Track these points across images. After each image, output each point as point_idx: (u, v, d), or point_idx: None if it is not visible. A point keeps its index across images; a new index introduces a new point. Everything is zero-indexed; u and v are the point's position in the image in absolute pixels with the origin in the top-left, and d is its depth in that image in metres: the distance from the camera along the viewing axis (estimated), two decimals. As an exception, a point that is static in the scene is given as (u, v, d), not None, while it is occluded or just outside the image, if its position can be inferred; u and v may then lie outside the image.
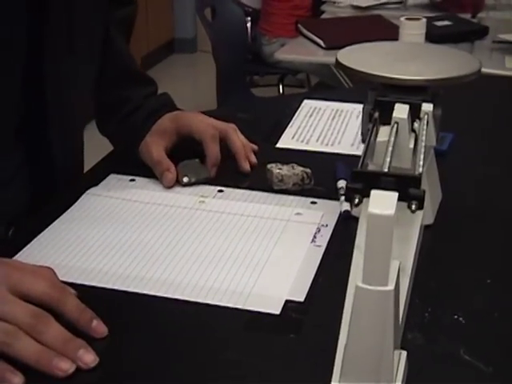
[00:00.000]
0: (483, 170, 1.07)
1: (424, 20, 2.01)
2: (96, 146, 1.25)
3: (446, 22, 2.58)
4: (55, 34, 0.91)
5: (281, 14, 3.37)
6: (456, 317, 0.73)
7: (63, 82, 0.95)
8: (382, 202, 0.57)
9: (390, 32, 2.25)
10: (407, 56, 0.91)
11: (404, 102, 0.82)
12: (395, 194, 0.58)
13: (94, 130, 1.12)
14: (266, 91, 3.60)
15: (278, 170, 0.97)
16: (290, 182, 0.97)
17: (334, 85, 2.78)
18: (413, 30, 2.09)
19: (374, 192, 0.58)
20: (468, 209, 0.96)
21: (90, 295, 0.73)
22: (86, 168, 1.08)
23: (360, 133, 1.16)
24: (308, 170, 0.98)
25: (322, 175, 1.02)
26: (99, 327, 0.69)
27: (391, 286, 0.58)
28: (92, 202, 0.95)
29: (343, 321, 0.62)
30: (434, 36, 2.26)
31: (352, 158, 1.07)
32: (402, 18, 2.05)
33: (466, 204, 0.97)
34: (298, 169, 0.98)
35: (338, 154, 1.10)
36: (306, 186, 0.98)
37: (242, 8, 3.34)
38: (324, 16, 2.98)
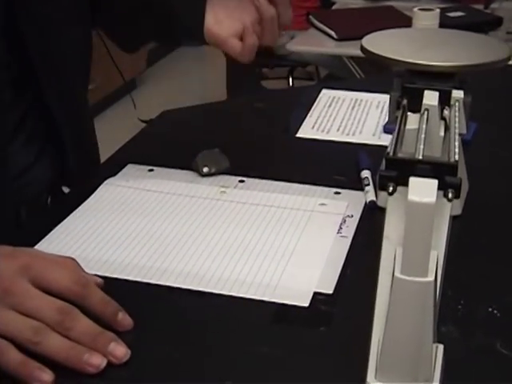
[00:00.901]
0: (508, 160, 1.04)
1: (437, 10, 1.99)
2: (111, 138, 1.23)
3: (459, 13, 2.55)
4: None
5: (289, 6, 3.34)
6: (490, 309, 0.71)
7: (40, 27, 0.91)
8: (422, 190, 0.55)
9: (402, 23, 2.22)
10: (434, 42, 0.89)
11: (433, 89, 0.80)
12: (435, 182, 0.56)
13: (107, 122, 1.10)
14: (276, 84, 3.58)
15: None
16: None
17: (345, 76, 2.76)
18: (426, 20, 2.08)
19: (412, 179, 0.56)
20: (495, 199, 0.93)
21: (110, 287, 0.71)
22: (105, 153, 1.05)
23: (381, 122, 1.15)
24: None
25: (345, 165, 1.00)
26: (125, 320, 0.67)
27: (431, 277, 0.56)
28: (110, 192, 0.93)
29: (376, 314, 0.60)
30: (447, 27, 2.21)
31: (374, 148, 1.05)
32: (416, 9, 2.04)
33: (493, 194, 0.94)
34: None
35: (359, 144, 1.08)
36: None
37: (252, 0, 3.31)
38: (335, 7, 2.96)
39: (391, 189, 0.63)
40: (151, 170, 0.99)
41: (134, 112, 3.62)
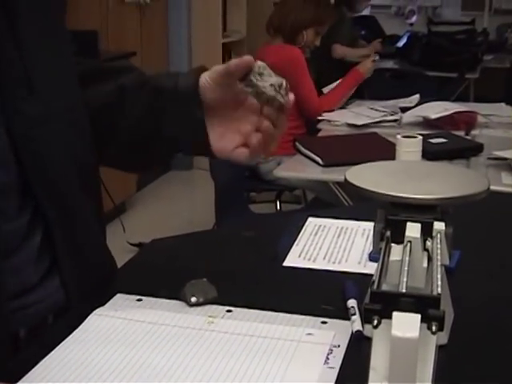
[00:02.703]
0: (493, 287, 1.06)
1: (420, 138, 2.06)
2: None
3: (441, 140, 2.62)
4: (10, 79, 0.92)
5: (276, 135, 3.42)
6: None
7: (29, 125, 0.93)
8: (405, 325, 0.56)
9: (386, 149, 2.28)
10: (415, 175, 0.92)
11: (415, 221, 0.82)
12: (418, 316, 0.57)
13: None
14: (263, 207, 3.63)
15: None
16: (268, 80, 0.94)
17: (331, 201, 2.80)
18: (409, 147, 2.14)
19: (396, 314, 0.58)
20: (481, 327, 0.94)
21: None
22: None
23: (366, 250, 1.17)
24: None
25: (331, 294, 1.01)
26: None
27: (417, 412, 0.56)
28: (99, 323, 0.93)
29: None
30: (429, 153, 2.29)
31: (360, 276, 1.07)
32: (399, 136, 2.10)
33: (479, 322, 0.95)
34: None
35: (345, 273, 1.10)
36: (281, 94, 0.95)
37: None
38: (321, 134, 3.03)
39: (376, 322, 0.64)
40: (140, 300, 1.00)
41: (123, 235, 3.64)
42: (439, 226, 0.82)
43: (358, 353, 0.86)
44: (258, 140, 0.98)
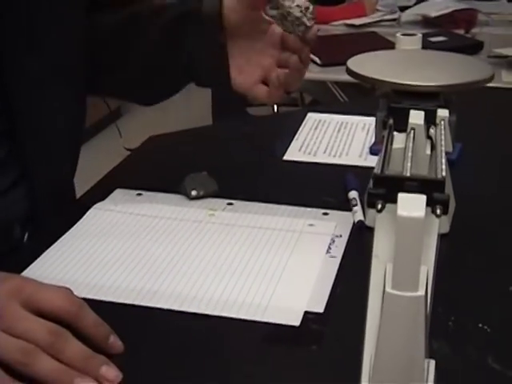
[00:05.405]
0: (494, 178, 1.06)
1: (420, 35, 2.01)
2: (97, 167, 1.23)
3: (441, 38, 2.58)
4: (11, 29, 0.85)
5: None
6: (481, 325, 0.71)
7: (26, 82, 0.88)
8: (411, 205, 0.56)
9: (385, 48, 2.25)
10: (419, 63, 0.90)
11: (418, 109, 0.81)
12: (423, 197, 0.56)
13: (93, 151, 1.09)
14: (261, 110, 3.59)
15: None
16: (295, 1, 0.89)
17: (329, 102, 2.78)
18: (409, 45, 2.09)
19: (401, 195, 0.56)
20: (482, 217, 0.94)
21: (100, 310, 0.70)
22: (91, 184, 1.05)
23: (367, 144, 1.16)
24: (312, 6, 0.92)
25: (332, 187, 1.00)
26: (116, 343, 0.67)
27: (422, 292, 0.56)
28: (99, 216, 0.93)
29: (367, 331, 0.60)
30: (429, 51, 2.25)
31: (361, 169, 1.06)
32: (398, 34, 2.05)
33: (480, 212, 0.95)
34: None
35: (346, 166, 1.09)
36: (307, 17, 0.91)
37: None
38: (318, 34, 2.98)
39: (380, 206, 0.63)
40: (139, 195, 0.99)
41: (119, 140, 3.63)
42: (443, 113, 0.80)
43: (359, 242, 0.87)
44: (278, 76, 0.94)
